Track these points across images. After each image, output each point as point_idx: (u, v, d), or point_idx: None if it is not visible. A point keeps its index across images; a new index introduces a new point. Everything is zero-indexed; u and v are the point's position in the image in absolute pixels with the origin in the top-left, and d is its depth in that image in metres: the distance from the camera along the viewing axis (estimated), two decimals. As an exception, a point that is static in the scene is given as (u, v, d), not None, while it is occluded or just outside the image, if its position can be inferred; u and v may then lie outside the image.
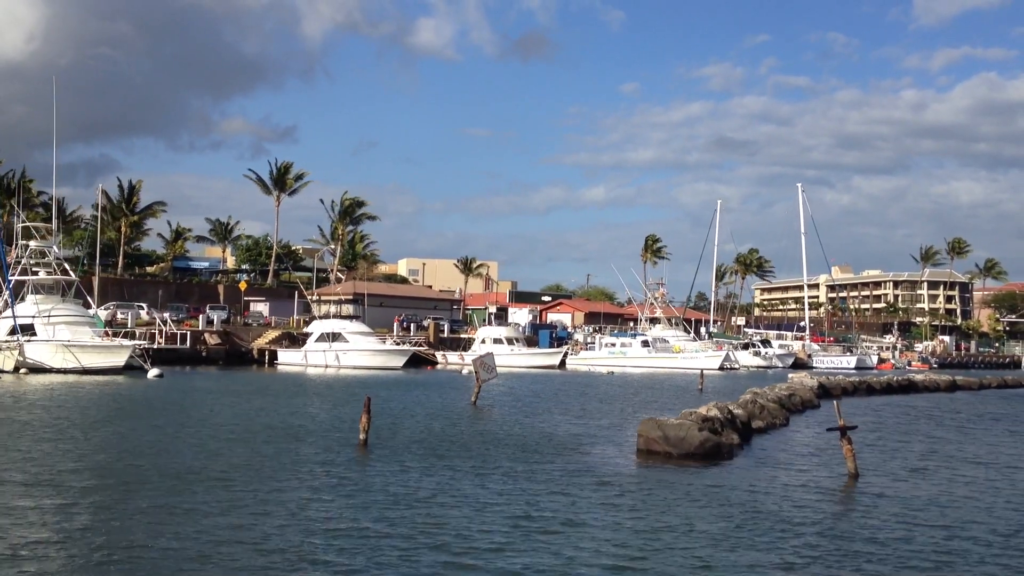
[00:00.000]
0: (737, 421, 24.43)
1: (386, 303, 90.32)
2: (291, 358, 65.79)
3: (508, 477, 17.32)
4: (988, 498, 16.46)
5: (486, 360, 34.80)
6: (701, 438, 20.80)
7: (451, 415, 29.62)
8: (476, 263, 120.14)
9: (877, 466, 20.11)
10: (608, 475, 17.87)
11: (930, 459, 21.37)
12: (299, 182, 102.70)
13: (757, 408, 28.35)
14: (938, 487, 17.43)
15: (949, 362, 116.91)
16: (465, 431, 25.03)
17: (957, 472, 19.37)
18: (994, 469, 19.96)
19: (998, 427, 30.40)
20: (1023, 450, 23.66)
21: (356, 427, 22.29)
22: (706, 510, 14.65)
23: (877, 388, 49.03)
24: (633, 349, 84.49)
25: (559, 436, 24.22)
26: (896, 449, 23.06)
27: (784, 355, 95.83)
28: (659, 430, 21.11)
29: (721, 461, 20.22)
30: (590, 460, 19.95)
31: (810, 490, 16.82)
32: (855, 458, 18.74)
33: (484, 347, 77.66)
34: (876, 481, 18.04)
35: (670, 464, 19.77)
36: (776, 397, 33.04)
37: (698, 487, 16.66)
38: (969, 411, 37.25)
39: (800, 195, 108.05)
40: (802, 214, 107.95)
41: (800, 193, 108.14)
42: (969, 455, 22.11)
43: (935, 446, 24.02)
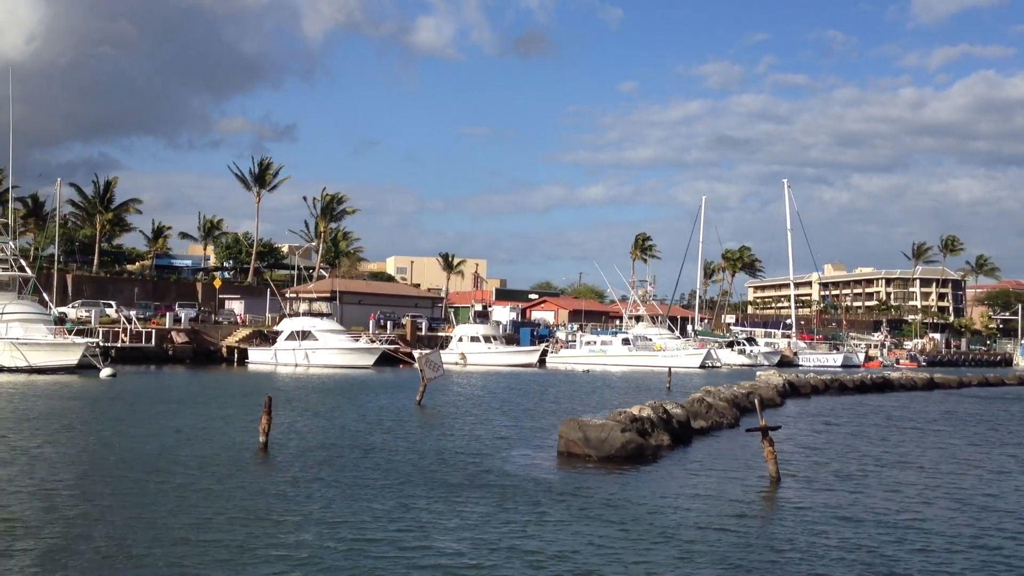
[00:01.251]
0: (674, 421, 23.19)
1: (365, 301, 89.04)
2: (261, 357, 64.53)
3: (398, 486, 16.06)
4: (910, 508, 15.21)
5: (432, 358, 33.54)
6: (623, 440, 19.57)
7: (386, 417, 28.35)
8: (457, 260, 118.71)
9: (806, 469, 18.87)
10: (513, 481, 16.63)
11: (865, 463, 20.09)
12: (277, 178, 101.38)
13: (703, 407, 27.11)
14: (859, 494, 16.16)
15: (939, 360, 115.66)
16: (387, 435, 23.75)
17: (889, 478, 18.10)
18: (931, 475, 18.68)
19: (959, 429, 29.12)
20: (971, 455, 22.37)
21: (276, 441, 21.03)
22: (593, 519, 13.41)
23: (850, 386, 47.75)
24: (613, 347, 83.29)
25: (485, 438, 22.97)
26: (836, 452, 21.80)
27: (770, 353, 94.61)
28: (580, 431, 19.88)
29: (644, 464, 18.98)
30: (504, 465, 18.69)
31: (719, 497, 15.56)
32: (777, 461, 17.49)
33: (462, 345, 76.58)
34: (795, 487, 16.80)
35: (589, 467, 18.56)
36: (730, 396, 31.81)
37: (601, 495, 15.40)
38: (936, 411, 36.00)
39: (786, 192, 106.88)
40: (788, 211, 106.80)
41: (786, 189, 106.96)
42: (911, 459, 20.84)
43: (879, 449, 22.76)
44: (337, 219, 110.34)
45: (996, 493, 16.47)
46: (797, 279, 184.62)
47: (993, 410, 36.90)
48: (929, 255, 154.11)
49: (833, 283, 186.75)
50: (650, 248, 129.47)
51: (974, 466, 19.58)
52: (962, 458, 20.89)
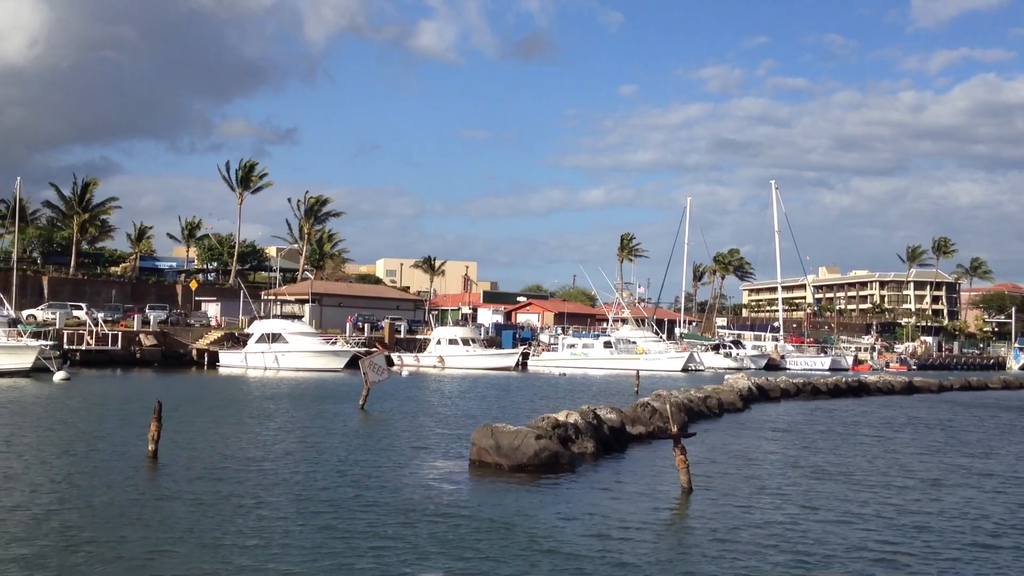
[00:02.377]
0: (605, 427, 22.02)
1: (345, 303, 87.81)
2: (232, 360, 63.29)
3: (269, 503, 14.89)
4: (819, 524, 14.03)
5: (376, 361, 32.38)
6: (536, 448, 18.38)
7: (317, 424, 27.17)
8: (439, 263, 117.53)
9: (729, 480, 17.66)
10: (404, 495, 15.44)
11: (799, 474, 18.86)
12: (262, 181, 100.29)
13: (646, 413, 25.91)
14: (774, 508, 14.97)
15: (930, 363, 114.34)
16: (299, 443, 22.57)
17: (816, 490, 16.88)
18: (861, 487, 17.44)
19: (917, 437, 27.86)
20: (915, 464, 21.16)
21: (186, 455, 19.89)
22: (453, 542, 12.23)
23: (823, 390, 46.60)
24: (595, 350, 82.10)
25: (402, 447, 21.76)
26: (773, 462, 20.59)
27: (756, 356, 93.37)
28: (492, 439, 18.70)
29: (558, 474, 17.78)
30: (406, 476, 17.50)
31: (614, 512, 14.38)
32: (689, 471, 16.31)
33: (440, 348, 75.40)
34: (706, 499, 15.60)
35: (497, 478, 17.40)
36: (684, 400, 30.63)
37: (488, 510, 14.22)
38: (904, 417, 34.77)
39: (774, 194, 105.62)
40: (775, 213, 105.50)
41: (774, 192, 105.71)
42: (850, 470, 19.56)
43: (821, 458, 21.54)
44: (321, 221, 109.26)
45: (919, 509, 15.27)
46: (791, 282, 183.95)
47: (962, 417, 35.66)
48: (923, 258, 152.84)
49: (827, 286, 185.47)
50: (636, 249, 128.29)
51: (911, 478, 18.35)
52: (902, 469, 19.66)
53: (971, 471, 19.28)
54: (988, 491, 16.75)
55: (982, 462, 21.05)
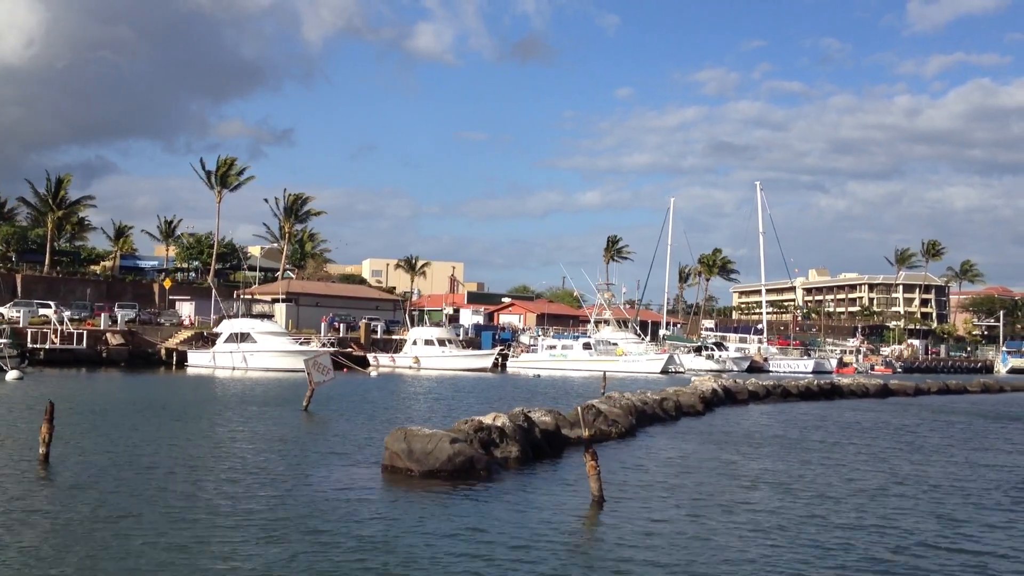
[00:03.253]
0: (536, 431, 20.97)
1: (322, 303, 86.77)
2: (200, 360, 62.26)
3: (148, 510, 13.83)
4: (735, 538, 13.00)
5: (320, 360, 31.30)
6: (450, 452, 17.32)
7: (247, 427, 26.11)
8: (421, 263, 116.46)
9: (650, 490, 16.56)
10: (300, 504, 14.37)
11: (733, 483, 17.79)
12: (241, 178, 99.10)
13: (590, 415, 24.85)
14: (689, 521, 13.91)
15: (916, 366, 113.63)
16: (216, 448, 21.51)
17: (740, 501, 15.79)
18: (793, 498, 16.39)
19: (872, 443, 26.83)
20: (856, 474, 20.13)
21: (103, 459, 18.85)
22: (314, 555, 11.19)
23: (793, 393, 45.61)
24: (574, 351, 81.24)
25: (318, 452, 20.66)
26: (707, 470, 19.49)
27: (739, 358, 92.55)
28: (404, 443, 17.63)
29: (474, 481, 16.72)
30: (310, 483, 16.40)
31: (514, 526, 13.31)
32: (600, 479, 15.26)
33: (415, 348, 74.41)
34: (616, 511, 14.53)
35: (408, 485, 16.36)
36: (638, 402, 29.57)
37: (371, 528, 13.15)
38: (868, 422, 33.78)
39: (759, 195, 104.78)
40: (760, 214, 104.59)
41: (759, 193, 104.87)
42: (787, 479, 18.44)
43: (760, 465, 20.49)
44: (303, 220, 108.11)
45: (843, 523, 14.21)
46: (781, 285, 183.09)
47: (927, 422, 34.64)
48: (912, 261, 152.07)
49: (817, 288, 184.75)
50: (623, 251, 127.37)
51: (847, 488, 17.26)
52: (843, 479, 18.56)
53: (912, 481, 18.22)
54: (922, 503, 15.70)
55: (927, 470, 20.03)
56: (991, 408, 43.08)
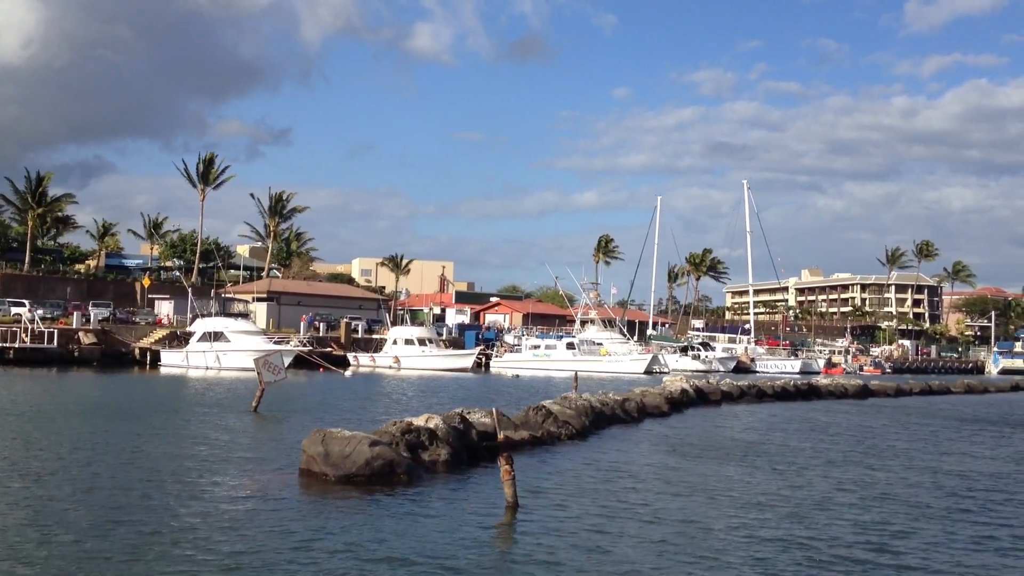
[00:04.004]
0: (473, 433, 20.10)
1: (304, 302, 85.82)
2: (173, 359, 61.31)
3: (16, 521, 12.94)
4: (641, 552, 12.12)
5: (271, 360, 30.44)
6: (369, 456, 16.43)
7: (187, 427, 25.24)
8: (406, 262, 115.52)
9: (574, 496, 15.68)
10: (189, 514, 13.49)
11: (659, 489, 16.85)
12: (222, 176, 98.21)
13: (539, 416, 23.99)
14: (599, 533, 13.01)
15: (906, 367, 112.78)
16: (140, 449, 20.61)
17: (665, 510, 14.89)
18: (721, 507, 15.50)
19: (830, 447, 25.92)
20: (801, 480, 19.24)
21: None
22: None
23: (768, 393, 44.72)
24: (557, 351, 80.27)
25: (240, 455, 19.81)
26: (647, 476, 18.59)
27: (726, 359, 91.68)
28: (321, 446, 16.74)
29: (392, 486, 15.83)
30: (219, 489, 15.53)
31: (415, 538, 12.43)
32: (515, 484, 14.40)
33: (396, 348, 73.49)
34: (532, 518, 13.66)
35: (321, 491, 15.49)
36: (597, 403, 28.67)
37: (249, 544, 12.26)
38: (843, 423, 32.92)
39: (746, 194, 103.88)
40: (747, 213, 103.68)
41: (746, 191, 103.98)
42: (725, 487, 17.48)
43: (703, 470, 19.61)
44: (287, 219, 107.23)
45: (770, 536, 13.34)
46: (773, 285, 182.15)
47: (897, 425, 33.78)
48: (903, 261, 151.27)
49: (809, 288, 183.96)
50: (613, 251, 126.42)
51: (784, 497, 16.37)
52: (784, 486, 17.65)
53: (858, 489, 17.29)
54: (858, 514, 14.80)
55: (878, 476, 19.16)
56: (970, 410, 42.22)
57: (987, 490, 17.34)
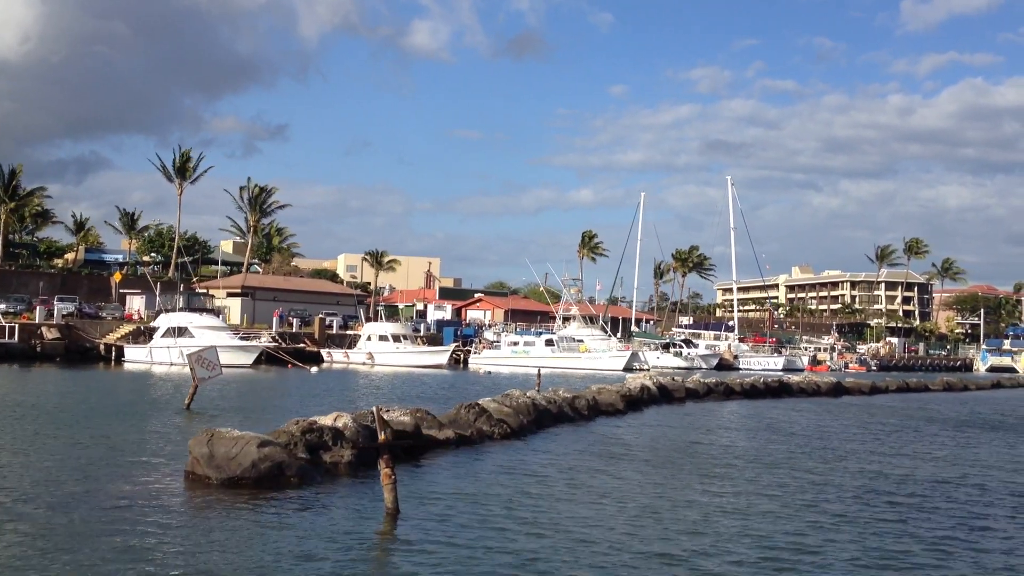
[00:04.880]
0: (386, 432, 18.88)
1: (280, 297, 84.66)
2: (137, 355, 60.18)
3: None
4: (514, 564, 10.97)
5: (205, 355, 29.19)
6: (255, 457, 15.24)
7: (113, 424, 24.08)
8: (387, 258, 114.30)
9: (465, 502, 14.51)
10: (44, 528, 12.34)
11: (564, 495, 15.72)
12: (198, 170, 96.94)
13: (470, 415, 22.81)
14: (476, 544, 11.87)
15: (893, 364, 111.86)
16: (22, 452, 19.44)
17: (562, 517, 13.78)
18: (623, 516, 14.36)
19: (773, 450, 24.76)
20: (723, 487, 18.11)
21: None
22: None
23: (737, 391, 43.68)
24: (536, 348, 79.23)
25: (138, 456, 18.62)
26: (558, 482, 17.41)
27: (708, 356, 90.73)
28: (207, 446, 15.57)
29: (281, 490, 14.68)
30: (107, 490, 14.42)
31: (279, 548, 11.30)
32: (395, 489, 13.25)
33: (370, 344, 72.42)
34: (406, 525, 12.52)
35: (202, 496, 14.34)
36: (541, 401, 27.51)
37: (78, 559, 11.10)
38: (802, 423, 31.81)
39: (730, 190, 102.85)
40: (731, 209, 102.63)
41: (730, 187, 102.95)
42: (638, 492, 16.35)
43: (627, 474, 18.51)
44: (268, 214, 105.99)
45: (641, 549, 12.23)
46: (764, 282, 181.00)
47: (855, 424, 32.67)
48: (893, 258, 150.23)
49: (800, 286, 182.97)
50: (597, 247, 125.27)
51: (698, 504, 15.21)
52: (702, 491, 16.45)
53: (780, 496, 16.11)
54: (762, 525, 13.63)
55: (809, 479, 18.04)
56: (942, 409, 41.16)
57: (921, 497, 16.21)
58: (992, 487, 17.54)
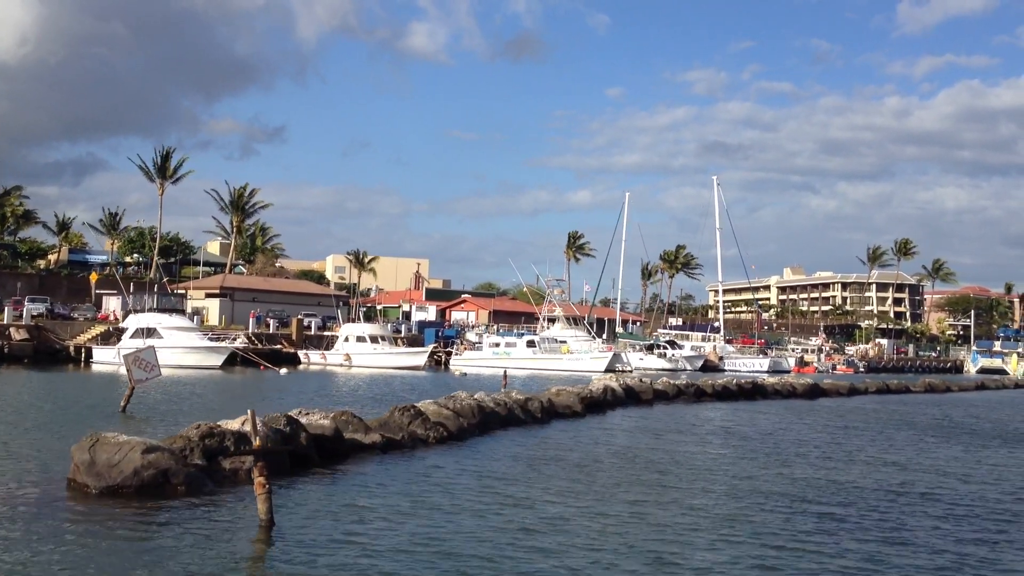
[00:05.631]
0: (302, 436, 17.92)
1: (259, 298, 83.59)
2: (105, 356, 59.08)
3: None
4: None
5: (143, 356, 28.25)
6: (138, 464, 14.24)
7: (33, 432, 23.10)
8: (368, 258, 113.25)
9: (354, 513, 13.52)
10: None
11: (465, 506, 14.75)
12: (180, 170, 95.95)
13: (404, 418, 21.81)
14: (347, 563, 10.91)
15: (882, 366, 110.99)
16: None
17: (444, 532, 12.81)
18: (509, 529, 13.40)
19: (708, 454, 23.82)
20: (639, 494, 17.13)
21: None
22: None
23: (708, 392, 42.68)
24: (518, 349, 78.33)
25: (30, 462, 17.66)
26: (470, 491, 16.43)
27: (693, 357, 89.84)
28: (88, 453, 14.57)
29: (162, 499, 13.67)
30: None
31: (135, 563, 10.32)
32: (270, 499, 12.26)
33: (347, 345, 71.47)
34: (281, 539, 11.54)
35: (86, 503, 13.39)
36: (490, 403, 26.52)
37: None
38: (758, 427, 30.87)
39: (715, 189, 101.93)
40: (717, 209, 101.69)
41: (715, 187, 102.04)
42: (544, 501, 15.40)
43: (546, 483, 17.50)
44: (250, 214, 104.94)
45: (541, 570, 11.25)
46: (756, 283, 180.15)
47: (830, 429, 31.74)
48: (884, 259, 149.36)
49: (791, 287, 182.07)
50: (583, 247, 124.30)
51: (611, 512, 14.25)
52: (615, 501, 15.52)
53: (702, 511, 15.13)
54: (654, 544, 12.69)
55: (732, 488, 17.08)
56: (916, 412, 40.21)
57: (851, 506, 15.23)
58: (936, 495, 16.57)
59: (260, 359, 56.01)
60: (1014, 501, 16.23)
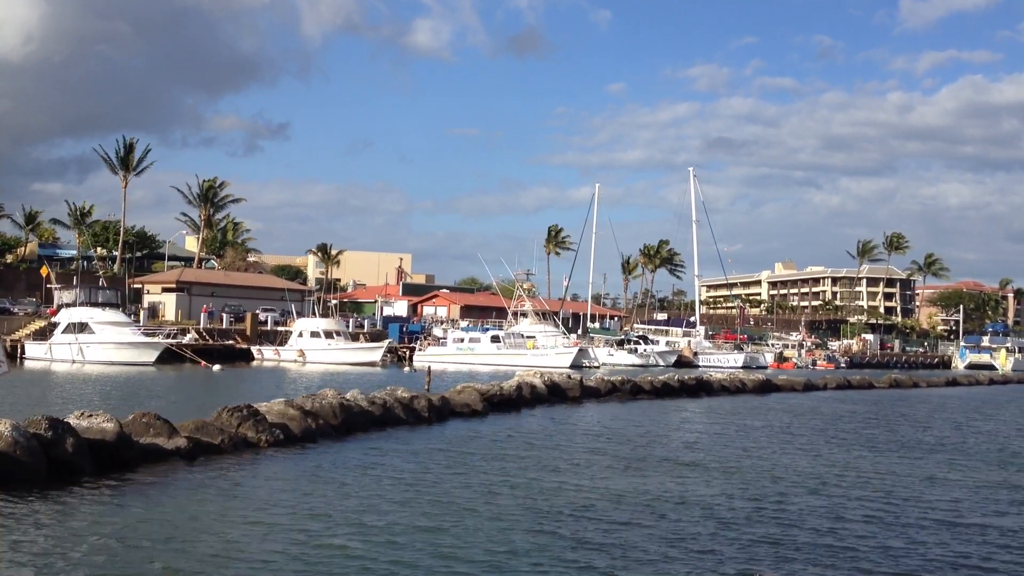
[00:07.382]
0: (68, 443, 15.48)
1: (218, 292, 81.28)
2: (36, 352, 56.94)
3: None
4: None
5: (-11, 351, 25.80)
6: None
7: None
8: (336, 252, 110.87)
9: (149, 527, 11.15)
10: None
11: (278, 524, 12.36)
12: (144, 162, 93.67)
13: (234, 419, 19.40)
14: None
15: (865, 362, 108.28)
16: None
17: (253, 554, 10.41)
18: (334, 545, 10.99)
19: (605, 453, 21.39)
20: (507, 499, 14.72)
21: None
22: None
23: (646, 389, 40.26)
24: (482, 345, 75.98)
25: None
26: (271, 508, 14.02)
27: (666, 352, 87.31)
28: None
29: None
30: None
31: None
32: None
33: (301, 341, 69.15)
34: None
35: None
36: (363, 402, 24.14)
37: None
38: (667, 426, 28.51)
39: (692, 181, 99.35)
40: (693, 201, 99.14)
41: (692, 179, 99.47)
42: (395, 512, 13.05)
43: (399, 497, 15.12)
44: (220, 208, 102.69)
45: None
46: (748, 278, 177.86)
47: (732, 429, 29.34)
48: (874, 254, 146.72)
49: (782, 282, 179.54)
50: (564, 241, 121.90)
51: (468, 518, 11.86)
52: (420, 519, 13.16)
53: (553, 532, 12.73)
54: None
55: (582, 495, 14.67)
56: (861, 411, 37.79)
57: (697, 519, 12.81)
58: (809, 507, 14.16)
59: (195, 356, 53.67)
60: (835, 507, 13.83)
